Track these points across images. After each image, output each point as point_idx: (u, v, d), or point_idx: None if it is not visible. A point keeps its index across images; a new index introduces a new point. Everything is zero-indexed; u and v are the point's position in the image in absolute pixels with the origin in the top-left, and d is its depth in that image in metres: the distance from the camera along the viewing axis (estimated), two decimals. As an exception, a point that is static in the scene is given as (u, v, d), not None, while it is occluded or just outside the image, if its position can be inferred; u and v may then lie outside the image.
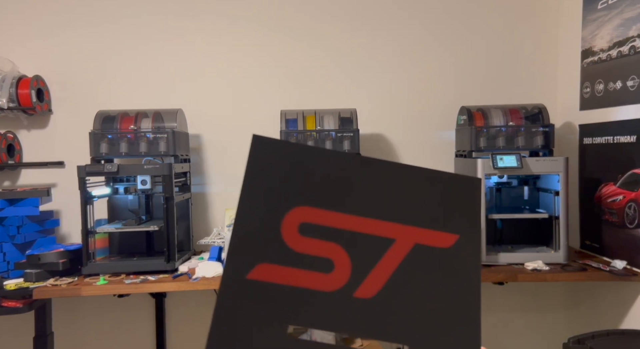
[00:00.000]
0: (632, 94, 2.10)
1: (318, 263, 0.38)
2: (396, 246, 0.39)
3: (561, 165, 2.17)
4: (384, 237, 0.39)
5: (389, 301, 0.38)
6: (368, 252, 0.39)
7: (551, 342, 2.70)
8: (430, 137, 2.71)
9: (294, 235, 0.38)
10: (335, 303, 0.37)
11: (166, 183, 2.14)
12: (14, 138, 2.52)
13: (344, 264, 0.38)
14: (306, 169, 0.39)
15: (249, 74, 2.66)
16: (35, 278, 2.09)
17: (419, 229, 0.40)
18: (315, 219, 0.38)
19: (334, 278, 0.38)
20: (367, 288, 0.38)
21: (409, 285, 0.39)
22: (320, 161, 0.39)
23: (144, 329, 2.66)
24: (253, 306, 0.36)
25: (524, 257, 2.19)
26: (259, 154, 0.39)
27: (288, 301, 0.37)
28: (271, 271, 0.37)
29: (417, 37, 2.69)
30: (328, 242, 0.38)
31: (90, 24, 2.60)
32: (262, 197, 0.38)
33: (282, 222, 0.38)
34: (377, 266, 0.39)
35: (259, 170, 0.39)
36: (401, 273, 0.39)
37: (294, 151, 0.39)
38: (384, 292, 0.38)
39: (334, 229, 0.38)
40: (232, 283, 0.36)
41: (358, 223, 0.39)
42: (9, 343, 2.59)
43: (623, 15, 2.16)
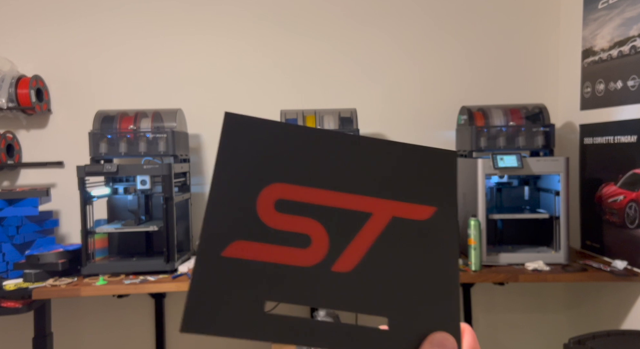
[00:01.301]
0: (633, 93, 2.10)
1: (295, 239, 0.38)
2: (373, 220, 0.39)
3: (562, 165, 2.16)
4: (361, 211, 0.39)
5: (367, 274, 0.38)
6: (345, 226, 0.39)
7: (552, 342, 2.69)
8: (430, 137, 2.70)
9: (269, 212, 0.38)
10: (313, 277, 0.38)
11: (165, 183, 2.13)
12: (13, 138, 2.52)
13: (321, 239, 0.38)
14: (280, 146, 0.39)
15: (249, 73, 2.65)
16: (35, 278, 2.09)
17: (396, 202, 0.40)
18: (291, 195, 0.39)
19: (312, 253, 0.38)
20: (345, 261, 0.38)
21: (386, 258, 0.39)
22: (294, 138, 0.40)
23: (143, 329, 2.66)
24: (229, 284, 0.36)
25: (525, 257, 2.19)
26: (232, 131, 0.39)
27: (265, 278, 0.37)
28: (247, 248, 0.37)
29: (417, 37, 2.68)
30: (305, 217, 0.38)
31: (90, 23, 2.59)
32: (236, 175, 0.38)
33: (258, 199, 0.38)
34: (354, 240, 0.39)
35: (232, 148, 0.39)
36: (379, 246, 0.39)
37: (267, 128, 0.40)
38: (362, 265, 0.38)
39: (310, 204, 0.39)
40: (207, 260, 0.37)
41: (334, 198, 0.39)
42: (8, 344, 2.58)
43: (624, 14, 2.16)
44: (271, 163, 0.38)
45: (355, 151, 0.40)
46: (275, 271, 0.37)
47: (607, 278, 2.05)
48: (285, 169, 0.38)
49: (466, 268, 2.15)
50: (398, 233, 0.39)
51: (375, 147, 0.40)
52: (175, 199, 2.19)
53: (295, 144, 0.39)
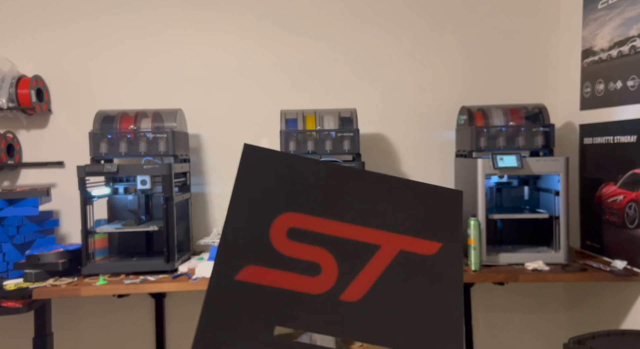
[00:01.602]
0: (633, 94, 2.10)
1: (305, 267, 0.39)
2: (382, 252, 0.41)
3: (561, 165, 2.17)
4: (370, 243, 0.41)
5: (375, 305, 0.40)
6: (354, 257, 0.41)
7: (552, 342, 2.69)
8: (430, 137, 2.70)
9: (282, 239, 0.39)
10: (321, 305, 0.39)
11: (166, 183, 2.13)
12: (14, 138, 2.52)
13: (331, 268, 0.40)
14: (295, 177, 0.41)
15: (249, 73, 2.66)
16: (35, 278, 2.09)
17: (404, 236, 0.42)
18: (304, 224, 0.40)
19: (321, 281, 0.39)
20: (353, 291, 0.40)
21: (393, 290, 0.41)
22: (308, 170, 0.41)
23: (143, 329, 2.66)
24: (241, 307, 0.38)
25: (525, 257, 2.19)
26: (250, 162, 0.41)
27: (275, 303, 0.38)
28: (259, 273, 0.38)
29: (417, 37, 2.69)
30: (315, 247, 0.40)
31: (90, 23, 2.59)
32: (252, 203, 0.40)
33: (271, 227, 0.40)
34: (363, 271, 0.40)
35: (249, 177, 0.41)
36: (386, 277, 0.40)
37: (284, 160, 0.41)
38: (370, 296, 0.40)
39: (321, 234, 0.40)
40: (221, 283, 0.38)
41: (345, 230, 0.41)
42: (9, 344, 2.59)
43: (624, 14, 2.16)
44: (285, 193, 0.40)
45: (367, 185, 0.41)
46: (285, 296, 0.38)
47: (607, 278, 2.05)
48: (299, 199, 0.40)
49: (466, 267, 2.15)
50: (405, 266, 0.40)
51: (385, 182, 0.42)
52: (176, 199, 2.19)
53: (309, 176, 0.40)
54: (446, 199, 0.43)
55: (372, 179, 0.42)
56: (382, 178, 0.42)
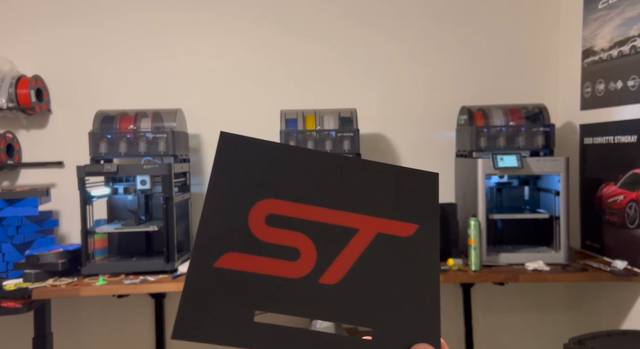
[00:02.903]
0: (633, 93, 2.10)
1: (284, 252, 0.40)
2: (360, 235, 0.42)
3: (562, 165, 2.16)
4: (348, 227, 0.41)
5: (353, 287, 0.40)
6: (333, 241, 0.41)
7: (552, 342, 2.69)
8: (430, 137, 2.70)
9: (261, 226, 0.40)
10: (301, 289, 0.40)
11: (165, 183, 2.13)
12: (13, 138, 2.52)
13: (310, 252, 0.40)
14: (272, 164, 0.42)
15: (249, 73, 2.65)
16: (35, 278, 2.09)
17: (381, 219, 0.42)
18: (282, 210, 0.41)
19: (300, 266, 0.40)
20: (332, 274, 0.40)
21: (371, 272, 0.41)
22: (285, 157, 0.42)
23: (143, 329, 2.66)
24: (220, 293, 0.39)
25: (525, 257, 2.19)
26: (226, 150, 0.41)
27: (255, 288, 0.39)
28: (238, 260, 0.39)
29: (417, 37, 2.68)
30: (294, 232, 0.41)
31: (90, 23, 2.59)
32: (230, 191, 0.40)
33: (250, 214, 0.40)
34: (341, 254, 0.41)
35: (226, 165, 0.41)
36: (364, 260, 0.41)
37: (260, 147, 0.42)
38: (348, 278, 0.40)
39: (299, 220, 0.41)
40: (200, 270, 0.39)
41: (323, 214, 0.41)
42: (8, 344, 2.58)
43: (624, 14, 2.16)
44: (263, 180, 0.41)
45: (343, 170, 0.42)
46: (265, 282, 0.39)
47: (607, 278, 2.05)
48: (277, 186, 0.41)
49: (466, 268, 2.15)
50: (383, 248, 0.41)
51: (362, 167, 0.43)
52: (175, 199, 2.19)
53: (286, 162, 0.42)
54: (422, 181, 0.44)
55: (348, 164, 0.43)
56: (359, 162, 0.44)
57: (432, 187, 0.44)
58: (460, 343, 2.67)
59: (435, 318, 0.41)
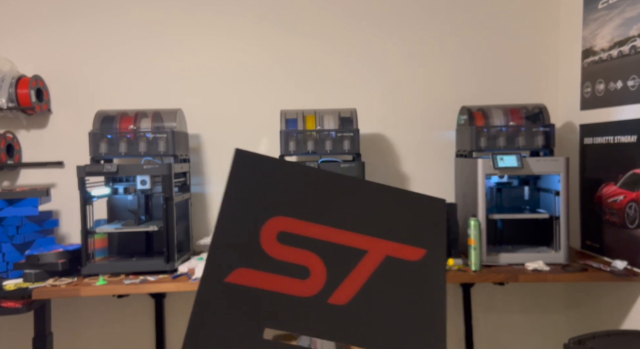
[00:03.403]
0: (633, 93, 2.10)
1: (295, 270, 0.40)
2: (369, 257, 0.42)
3: (562, 165, 2.17)
4: (358, 248, 0.42)
5: (361, 308, 0.41)
6: (342, 261, 0.41)
7: (552, 342, 2.69)
8: (430, 137, 2.70)
9: (272, 243, 0.40)
10: (310, 308, 0.40)
11: (165, 183, 2.13)
12: (13, 138, 2.52)
13: (320, 271, 0.41)
14: (285, 182, 0.42)
15: (249, 73, 2.65)
16: (35, 278, 2.09)
17: (390, 242, 0.43)
18: (293, 228, 0.41)
19: (310, 285, 0.41)
20: (340, 295, 0.41)
21: (380, 294, 0.41)
22: (299, 176, 0.43)
23: (143, 329, 2.66)
24: (230, 308, 0.39)
25: (525, 257, 2.19)
26: (241, 167, 0.42)
27: (265, 305, 0.39)
28: (249, 276, 0.39)
29: (417, 37, 2.68)
30: (305, 250, 0.41)
31: (90, 23, 2.59)
32: (243, 207, 0.41)
33: (261, 230, 0.41)
34: (350, 275, 0.41)
35: (240, 182, 0.41)
36: (373, 282, 0.41)
37: (274, 166, 0.42)
38: (357, 299, 0.41)
39: (310, 239, 0.41)
40: (211, 285, 0.39)
41: (334, 234, 0.42)
42: (8, 344, 2.58)
43: (624, 14, 2.16)
44: (276, 197, 0.41)
45: (355, 192, 0.42)
46: (274, 299, 0.39)
47: (607, 278, 2.05)
48: (289, 204, 0.41)
49: (466, 268, 2.15)
50: (391, 271, 0.42)
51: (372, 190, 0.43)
52: (175, 199, 2.19)
53: (300, 181, 0.42)
54: (430, 206, 0.44)
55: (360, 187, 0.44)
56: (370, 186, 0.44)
57: (439, 212, 0.44)
58: (460, 343, 2.67)
59: (441, 341, 0.42)
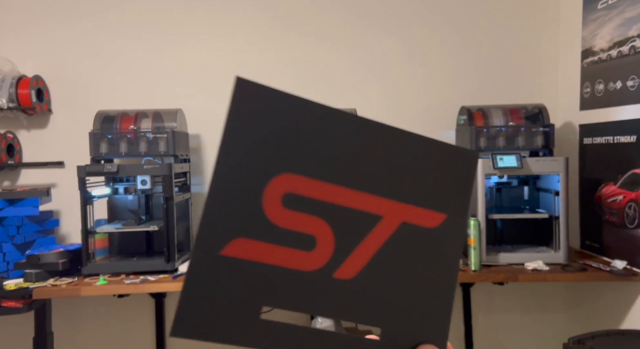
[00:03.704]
0: (633, 94, 2.10)
1: (300, 240, 0.35)
2: (383, 224, 0.37)
3: (561, 165, 2.17)
4: (372, 213, 0.36)
5: (367, 283, 0.36)
6: (353, 229, 0.36)
7: (551, 342, 2.69)
8: (430, 136, 2.69)
9: (276, 207, 0.34)
10: (313, 283, 0.35)
11: (166, 183, 2.13)
12: (14, 138, 2.52)
13: (327, 242, 0.35)
14: (296, 127, 0.35)
15: (249, 73, 2.65)
16: (35, 278, 2.09)
17: (409, 206, 0.37)
18: (302, 189, 0.35)
19: (315, 257, 0.35)
20: (347, 268, 0.36)
21: (389, 266, 0.37)
22: (312, 118, 0.35)
23: (143, 329, 2.66)
24: (226, 286, 0.33)
25: (524, 257, 2.19)
26: (243, 104, 0.34)
27: (264, 282, 0.34)
28: (248, 247, 0.33)
29: (417, 37, 2.69)
30: (313, 217, 0.35)
31: (90, 23, 2.59)
32: (244, 160, 0.33)
33: (265, 191, 0.34)
34: (360, 246, 0.36)
35: (242, 125, 0.34)
36: (384, 253, 0.37)
37: (285, 103, 0.34)
38: (363, 273, 0.36)
39: (320, 202, 0.35)
40: (204, 259, 0.33)
41: (347, 197, 0.36)
42: (9, 344, 2.59)
43: (623, 15, 2.16)
44: (285, 148, 0.34)
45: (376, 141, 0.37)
46: (275, 274, 0.34)
47: (607, 278, 2.05)
48: (299, 156, 0.35)
49: (466, 267, 2.16)
50: (405, 241, 0.37)
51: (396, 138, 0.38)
52: (176, 199, 2.19)
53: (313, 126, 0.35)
54: (459, 161, 0.38)
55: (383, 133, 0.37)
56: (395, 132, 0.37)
57: (470, 169, 0.38)
58: (460, 343, 2.67)
59: (446, 318, 0.38)
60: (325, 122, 0.36)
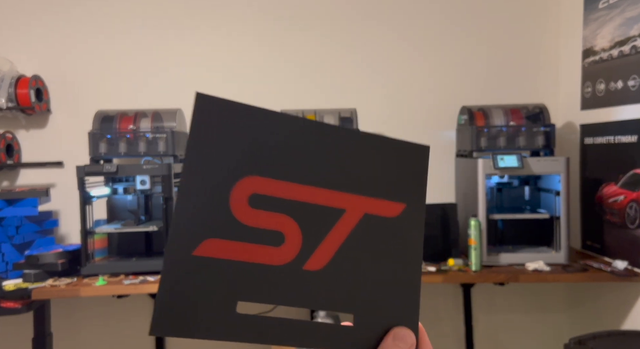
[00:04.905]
0: (633, 93, 2.10)
1: (268, 236, 0.37)
2: (346, 217, 0.39)
3: (562, 165, 2.16)
4: (335, 207, 0.39)
5: (337, 273, 0.39)
6: (319, 223, 0.39)
7: (552, 343, 2.69)
8: (431, 137, 2.70)
9: (243, 207, 0.37)
10: (284, 276, 0.37)
11: (165, 183, 2.13)
12: (13, 138, 2.52)
13: (295, 236, 0.38)
14: (257, 134, 0.37)
15: (249, 73, 2.65)
16: (34, 278, 2.08)
17: (369, 198, 0.40)
18: (266, 189, 0.37)
19: (284, 252, 0.38)
20: (316, 260, 0.38)
21: (355, 256, 0.39)
22: (271, 126, 0.38)
23: (143, 329, 2.65)
24: (200, 284, 0.35)
25: (525, 257, 2.19)
26: (205, 116, 0.36)
27: (237, 278, 0.36)
28: (219, 247, 0.36)
29: (417, 37, 2.68)
30: (279, 214, 0.38)
31: (90, 23, 2.59)
32: (209, 166, 0.36)
33: (231, 194, 0.36)
34: (326, 238, 0.39)
35: (205, 135, 0.36)
36: (349, 243, 0.39)
37: (244, 114, 0.37)
38: (332, 263, 0.39)
39: (285, 200, 0.38)
40: (177, 260, 0.35)
41: (310, 194, 0.38)
42: (8, 344, 2.58)
43: (624, 14, 2.15)
44: (247, 154, 0.37)
45: (332, 142, 0.40)
46: (247, 270, 0.36)
47: (608, 278, 2.05)
48: (261, 160, 0.37)
49: (466, 268, 2.15)
50: (368, 231, 0.40)
51: (351, 138, 0.40)
52: (175, 199, 2.18)
53: (273, 132, 0.38)
54: (412, 155, 0.41)
55: (338, 135, 0.39)
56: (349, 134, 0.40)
57: (422, 161, 0.41)
58: (460, 343, 2.67)
59: (415, 301, 0.40)
60: (283, 128, 0.38)
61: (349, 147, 0.40)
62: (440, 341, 2.70)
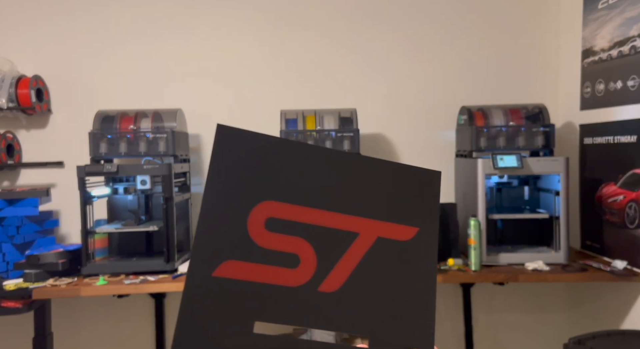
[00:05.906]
0: (633, 93, 2.10)
1: (284, 259, 0.39)
2: (360, 240, 0.40)
3: (562, 165, 2.17)
4: (349, 231, 0.40)
5: (351, 295, 0.40)
6: (333, 246, 0.40)
7: (552, 342, 2.69)
8: (430, 137, 2.70)
9: (260, 230, 0.38)
10: (300, 298, 0.38)
11: (166, 183, 2.13)
12: (14, 138, 2.52)
13: (310, 259, 0.39)
14: (272, 162, 0.39)
15: (249, 73, 2.65)
16: (35, 278, 2.09)
17: (382, 222, 0.41)
18: (282, 213, 0.39)
19: (300, 273, 0.39)
20: (331, 282, 0.39)
21: (370, 278, 0.40)
22: (286, 154, 0.40)
23: (143, 329, 2.66)
24: (219, 304, 0.37)
25: (525, 257, 2.19)
26: (225, 145, 0.38)
27: (254, 298, 0.37)
28: (238, 268, 0.37)
29: (417, 37, 2.68)
30: (294, 237, 0.39)
31: (90, 23, 2.59)
32: (228, 192, 0.38)
33: (249, 218, 0.38)
34: (341, 260, 0.40)
35: (224, 163, 0.38)
36: (363, 266, 0.40)
37: (260, 143, 0.39)
38: (347, 286, 0.40)
39: (300, 223, 0.39)
40: (198, 281, 0.37)
41: (324, 218, 0.40)
42: (8, 344, 2.58)
43: (624, 14, 2.16)
44: (263, 180, 0.39)
45: (346, 168, 0.41)
46: (264, 291, 0.38)
47: (607, 278, 2.05)
48: (277, 186, 0.39)
49: (466, 268, 2.15)
50: (382, 254, 0.41)
51: (364, 165, 0.41)
52: (175, 199, 2.19)
53: (288, 160, 0.40)
54: (424, 180, 0.43)
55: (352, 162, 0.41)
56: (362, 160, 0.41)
57: (434, 187, 0.43)
58: (460, 343, 2.67)
59: (430, 323, 0.41)
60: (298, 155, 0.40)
61: (362, 173, 0.41)
62: (440, 341, 2.71)
